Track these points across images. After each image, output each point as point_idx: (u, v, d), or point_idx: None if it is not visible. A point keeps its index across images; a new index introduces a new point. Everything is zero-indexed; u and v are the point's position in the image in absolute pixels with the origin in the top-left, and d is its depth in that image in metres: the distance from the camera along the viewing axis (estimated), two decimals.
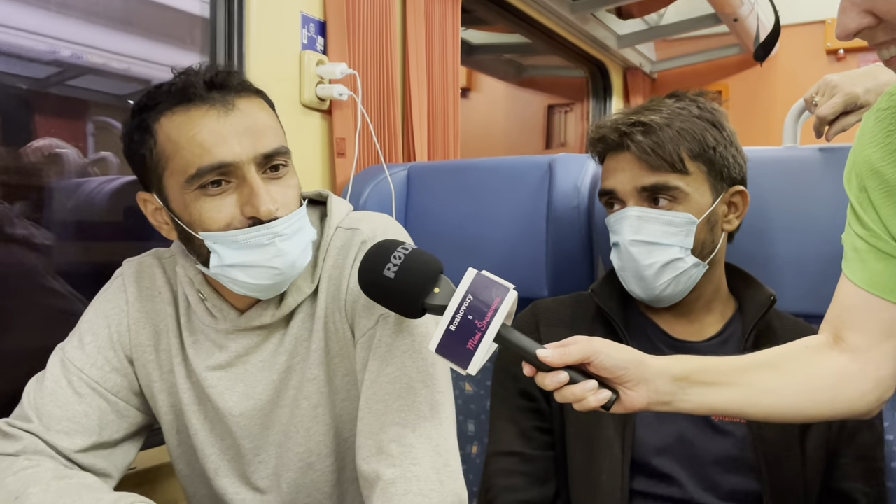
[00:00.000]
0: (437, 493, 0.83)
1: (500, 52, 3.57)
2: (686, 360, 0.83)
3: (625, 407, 0.79)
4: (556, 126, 4.02)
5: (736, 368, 0.83)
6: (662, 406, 0.80)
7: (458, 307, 0.75)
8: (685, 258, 1.00)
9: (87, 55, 1.72)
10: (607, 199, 1.06)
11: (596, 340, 0.78)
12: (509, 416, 1.07)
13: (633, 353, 0.79)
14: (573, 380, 0.76)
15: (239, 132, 0.85)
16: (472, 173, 1.49)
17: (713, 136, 1.01)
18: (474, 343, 0.74)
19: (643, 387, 0.78)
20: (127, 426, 0.99)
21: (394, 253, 0.80)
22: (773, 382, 0.82)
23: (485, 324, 0.74)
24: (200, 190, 0.85)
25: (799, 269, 1.14)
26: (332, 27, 1.62)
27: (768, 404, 0.82)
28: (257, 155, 0.86)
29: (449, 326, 0.75)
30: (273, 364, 0.95)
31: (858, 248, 0.83)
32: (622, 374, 0.77)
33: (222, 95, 0.86)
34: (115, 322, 0.99)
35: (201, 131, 0.84)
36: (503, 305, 0.74)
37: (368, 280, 0.81)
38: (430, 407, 0.87)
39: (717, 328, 1.07)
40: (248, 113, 0.87)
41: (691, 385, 0.80)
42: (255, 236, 0.86)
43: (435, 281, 0.79)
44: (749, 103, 3.41)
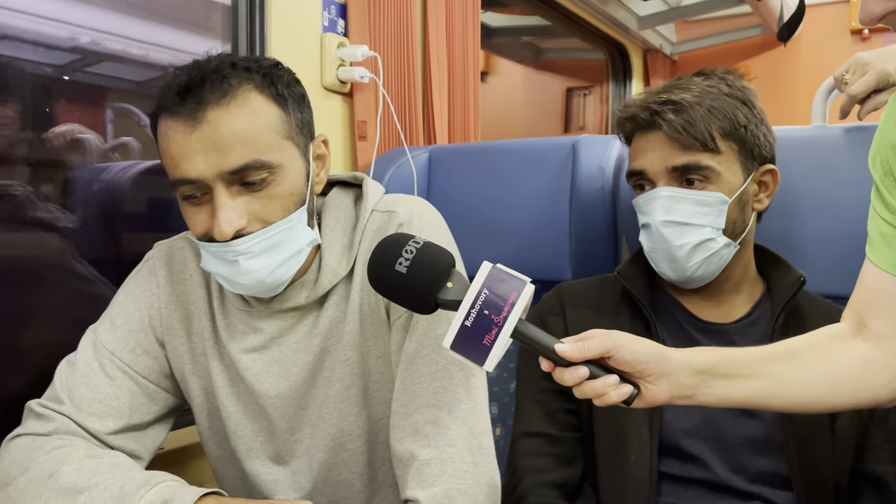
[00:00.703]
0: (471, 475, 0.84)
1: (518, 34, 3.54)
2: (708, 353, 0.82)
3: (646, 401, 0.78)
4: (574, 109, 3.98)
5: (758, 360, 0.82)
6: (684, 400, 0.79)
7: (473, 302, 0.72)
8: (717, 238, 0.99)
9: (105, 41, 1.72)
10: (636, 180, 1.05)
11: (615, 334, 0.76)
12: (535, 397, 1.07)
13: (654, 346, 0.78)
14: (593, 375, 0.74)
15: (206, 148, 0.82)
16: (495, 155, 1.48)
17: (744, 115, 0.99)
18: (491, 339, 0.71)
19: (665, 381, 0.77)
20: (157, 409, 0.99)
21: (405, 247, 0.77)
22: (796, 374, 0.81)
23: (501, 318, 0.71)
24: (182, 198, 0.86)
25: (828, 249, 1.13)
26: (352, 9, 1.62)
27: (791, 395, 0.81)
28: (222, 172, 0.82)
29: (464, 322, 0.72)
30: (308, 345, 0.95)
31: (884, 231, 0.82)
32: (643, 367, 0.76)
33: (193, 106, 0.82)
34: (147, 305, 0.99)
35: (171, 145, 0.83)
36: (520, 299, 0.72)
37: (380, 275, 0.78)
38: (466, 390, 0.87)
39: (745, 309, 1.06)
40: (218, 125, 0.82)
41: (713, 378, 0.79)
42: (222, 252, 0.85)
43: (448, 275, 0.76)
44: (771, 84, 3.36)
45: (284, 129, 0.87)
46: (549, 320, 1.08)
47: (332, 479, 0.99)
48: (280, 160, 0.85)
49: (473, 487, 0.84)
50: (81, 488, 0.83)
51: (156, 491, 0.81)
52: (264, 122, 0.85)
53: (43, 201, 1.33)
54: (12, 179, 1.23)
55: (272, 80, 0.87)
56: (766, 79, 3.41)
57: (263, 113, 0.85)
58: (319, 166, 0.95)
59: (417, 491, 0.83)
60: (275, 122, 0.86)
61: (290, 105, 0.89)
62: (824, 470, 0.97)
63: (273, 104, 0.86)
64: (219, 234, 0.82)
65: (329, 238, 0.95)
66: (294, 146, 0.88)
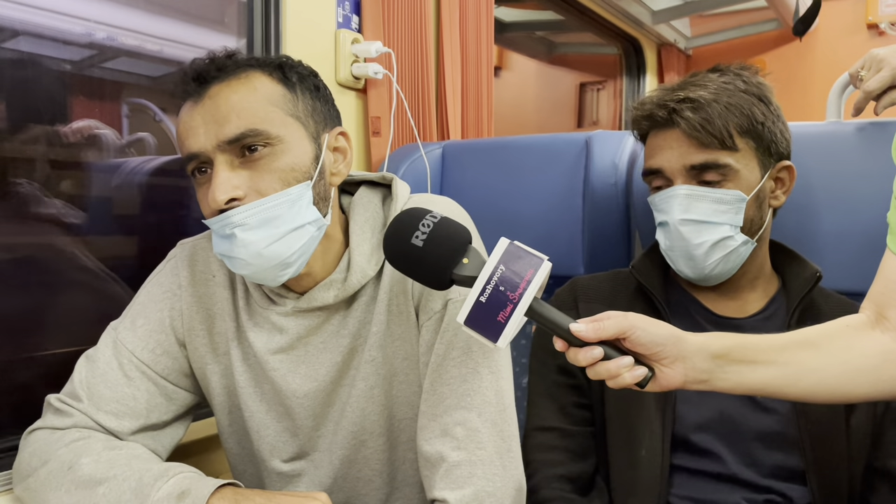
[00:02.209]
0: (500, 478, 0.84)
1: (531, 29, 3.53)
2: (724, 338, 0.80)
3: (660, 385, 0.77)
4: (588, 104, 3.97)
5: (775, 347, 0.80)
6: (699, 385, 0.78)
7: (489, 277, 0.71)
8: (735, 236, 0.99)
9: (121, 37, 1.74)
10: (652, 179, 1.04)
11: (631, 315, 0.75)
12: (548, 391, 1.07)
13: (670, 329, 0.77)
14: (607, 356, 0.73)
15: (206, 121, 0.85)
16: (508, 151, 1.48)
17: (761, 111, 0.99)
18: (505, 315, 0.70)
19: (680, 364, 0.76)
20: (176, 408, 1.00)
21: (422, 221, 0.77)
22: (815, 362, 0.80)
23: (517, 295, 0.70)
24: (194, 178, 0.89)
25: (843, 245, 1.12)
26: (367, 5, 1.62)
27: (809, 384, 0.80)
28: (220, 141, 0.84)
29: (479, 297, 0.71)
30: (336, 346, 0.95)
31: None
32: (659, 350, 0.75)
33: (199, 86, 0.87)
34: (168, 306, 0.99)
35: (180, 125, 0.87)
36: (536, 277, 0.71)
37: (395, 249, 0.79)
38: (495, 392, 0.88)
39: (760, 305, 1.06)
40: (217, 99, 0.85)
41: (730, 363, 0.78)
42: (219, 226, 0.86)
43: (464, 251, 0.75)
44: (787, 79, 3.33)
45: (289, 107, 0.88)
46: (563, 311, 1.08)
47: (351, 476, 0.99)
48: (280, 133, 0.86)
49: (502, 490, 0.84)
50: (100, 479, 0.84)
51: (174, 482, 0.82)
52: (263, 96, 0.86)
53: (57, 198, 1.34)
54: (26, 175, 1.24)
55: (280, 65, 0.90)
56: (781, 74, 3.38)
57: (264, 88, 0.87)
58: (339, 159, 0.95)
59: (446, 492, 0.83)
60: (276, 97, 0.87)
61: (299, 89, 0.90)
62: (839, 465, 0.97)
63: (278, 84, 0.88)
64: (212, 200, 0.83)
65: (358, 237, 0.94)
66: (300, 126, 0.89)
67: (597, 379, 0.75)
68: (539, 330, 1.12)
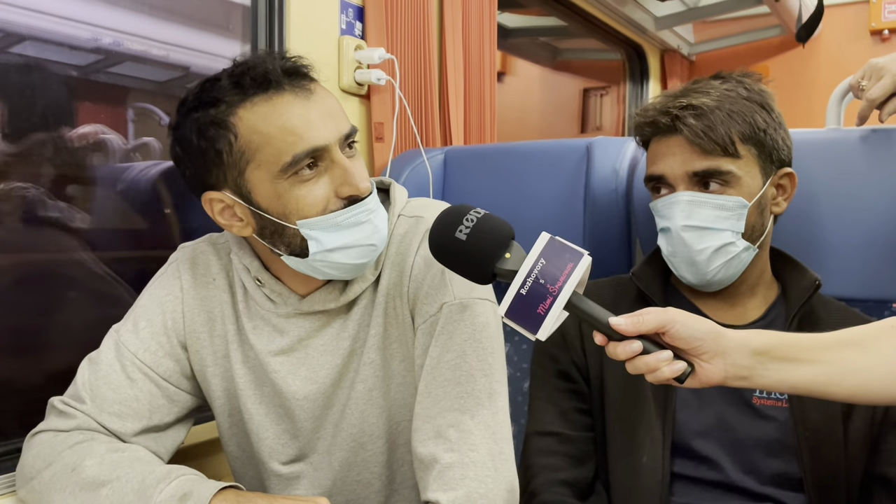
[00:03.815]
0: (491, 479, 0.85)
1: (535, 35, 3.54)
2: (766, 335, 0.79)
3: (700, 381, 0.76)
4: (591, 110, 3.98)
5: (819, 345, 0.79)
6: (739, 381, 0.77)
7: (530, 270, 0.73)
8: (737, 242, 0.99)
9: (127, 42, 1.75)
10: (655, 184, 1.05)
11: (671, 310, 0.75)
12: (549, 396, 1.08)
13: (710, 324, 0.76)
14: (646, 350, 0.74)
15: (323, 116, 0.86)
16: (509, 157, 1.49)
17: (763, 118, 0.99)
18: (545, 308, 0.72)
19: (720, 360, 0.75)
20: (177, 410, 1.01)
21: (466, 215, 0.79)
22: (860, 362, 0.78)
23: (557, 288, 0.72)
24: (295, 177, 0.86)
25: (844, 252, 1.12)
26: (370, 12, 1.63)
27: (854, 384, 0.78)
28: (340, 136, 0.88)
29: (520, 290, 0.73)
30: (336, 348, 0.97)
31: None
32: (698, 345, 0.74)
33: (297, 81, 0.87)
34: (170, 308, 1.00)
35: (290, 118, 0.85)
36: (576, 270, 0.72)
37: (439, 243, 0.80)
38: (489, 395, 0.88)
39: (759, 312, 1.06)
40: (324, 96, 0.89)
41: (772, 360, 0.77)
42: (354, 215, 0.87)
43: (506, 245, 0.77)
44: (790, 85, 3.34)
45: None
46: (564, 320, 1.09)
47: (350, 479, 1.00)
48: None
49: (494, 492, 0.85)
50: (104, 481, 0.85)
51: (176, 484, 0.83)
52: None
53: (62, 201, 1.35)
54: (32, 180, 1.25)
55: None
56: (784, 80, 3.38)
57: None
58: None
59: (439, 493, 0.84)
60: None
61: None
62: (837, 472, 0.97)
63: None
64: (365, 188, 0.87)
65: None
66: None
67: (636, 373, 0.76)
68: None
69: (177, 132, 0.90)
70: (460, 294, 0.91)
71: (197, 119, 0.87)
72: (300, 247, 0.89)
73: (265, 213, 0.88)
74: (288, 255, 0.91)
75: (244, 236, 0.94)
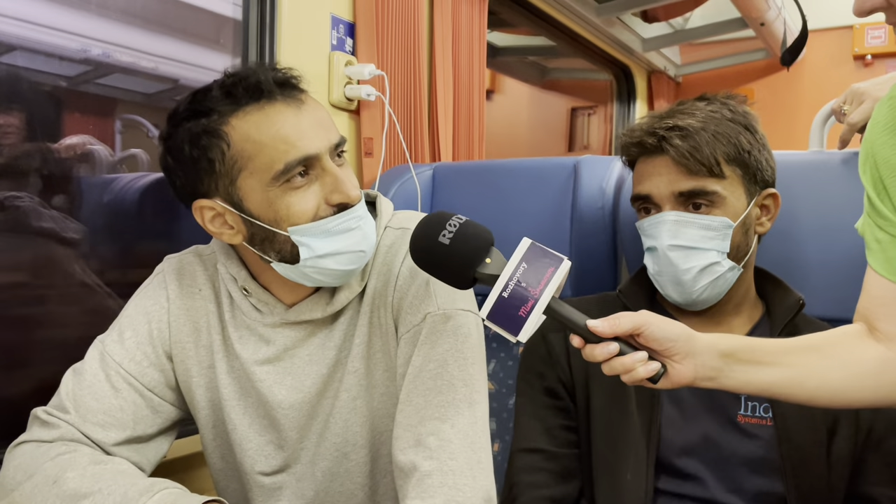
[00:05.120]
0: (469, 488, 0.85)
1: (524, 54, 3.58)
2: (732, 338, 0.83)
3: (671, 381, 0.79)
4: (579, 129, 4.02)
5: (781, 349, 0.83)
6: (708, 382, 0.80)
7: (512, 274, 0.75)
8: (722, 262, 1.01)
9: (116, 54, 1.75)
10: (641, 204, 1.06)
11: (645, 313, 0.78)
12: (534, 413, 1.08)
13: (682, 326, 0.80)
14: (622, 352, 0.77)
15: (314, 125, 0.89)
16: (497, 174, 1.50)
17: (747, 140, 1.01)
18: (526, 310, 0.74)
19: (690, 361, 0.79)
20: (161, 421, 1.00)
21: (448, 221, 0.81)
22: (819, 365, 0.82)
23: (538, 291, 0.74)
24: (287, 184, 0.87)
25: (827, 273, 1.14)
26: (361, 28, 1.64)
27: (813, 386, 0.82)
28: (331, 146, 0.90)
29: (502, 293, 0.75)
30: (322, 358, 0.97)
31: (879, 238, 0.84)
32: (671, 346, 0.78)
33: (289, 91, 0.89)
34: (156, 318, 1.00)
35: (283, 127, 0.87)
36: (556, 274, 0.75)
37: (422, 247, 0.82)
38: (469, 405, 0.89)
39: (744, 331, 1.07)
40: (315, 107, 0.91)
41: (737, 362, 0.81)
42: (344, 222, 0.89)
43: (487, 250, 0.79)
44: (775, 108, 3.39)
45: None
46: (550, 336, 1.10)
47: (334, 490, 1.00)
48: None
49: (471, 500, 0.85)
50: (85, 494, 0.84)
51: (158, 498, 0.83)
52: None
53: (51, 211, 1.34)
54: (20, 189, 1.24)
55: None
56: (769, 102, 3.44)
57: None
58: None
59: (417, 501, 0.84)
60: None
61: None
62: (820, 491, 0.98)
63: None
64: (355, 196, 0.89)
65: None
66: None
67: (612, 374, 0.78)
68: (526, 351, 1.13)
69: (168, 142, 0.91)
70: (444, 304, 0.92)
71: (189, 129, 0.88)
72: (291, 253, 0.90)
73: (256, 220, 0.89)
74: (278, 262, 0.92)
75: (234, 244, 0.95)
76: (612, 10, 2.73)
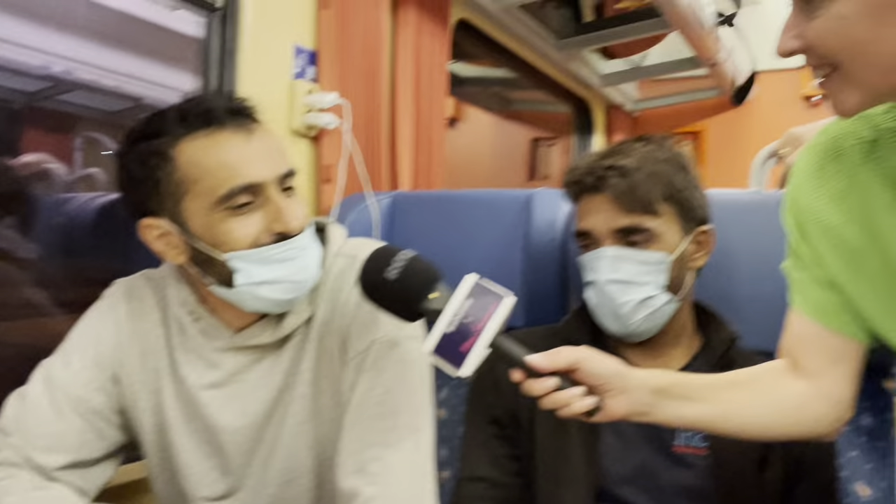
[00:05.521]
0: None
1: (487, 85, 3.65)
2: (664, 375, 0.87)
3: (606, 415, 0.82)
4: (540, 159, 4.09)
5: (709, 385, 0.87)
6: (641, 416, 0.84)
7: (456, 310, 0.78)
8: (659, 295, 1.05)
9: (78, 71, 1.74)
10: (582, 240, 1.10)
11: (583, 349, 0.81)
12: (481, 442, 1.10)
13: (617, 363, 0.83)
14: (560, 387, 0.79)
15: (262, 154, 0.91)
16: (454, 204, 1.53)
17: (681, 179, 1.06)
18: (469, 346, 0.77)
19: (624, 396, 0.82)
20: (106, 446, 1.00)
21: (396, 256, 0.83)
22: (744, 401, 0.87)
23: (481, 328, 0.77)
24: (228, 210, 0.89)
25: (762, 307, 1.18)
26: (323, 57, 1.67)
27: (739, 422, 0.87)
28: (278, 175, 0.91)
29: (446, 329, 0.78)
30: (269, 382, 0.98)
31: (799, 278, 0.89)
32: (606, 382, 0.81)
33: (240, 120, 0.91)
34: (104, 341, 1.00)
35: (230, 154, 0.89)
36: (499, 311, 0.78)
37: (369, 281, 0.84)
38: (412, 431, 0.90)
39: (683, 362, 1.11)
40: (265, 136, 0.93)
41: (668, 398, 0.84)
42: (284, 251, 0.90)
43: (434, 286, 0.82)
44: (726, 144, 3.50)
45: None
46: (499, 367, 1.11)
47: None
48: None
49: None
50: None
51: None
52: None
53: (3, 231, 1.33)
54: None
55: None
56: (721, 139, 3.55)
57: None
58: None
59: None
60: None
61: None
62: None
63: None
64: (296, 226, 0.90)
65: None
66: None
67: (550, 408, 0.80)
68: (475, 381, 1.15)
69: (122, 160, 0.93)
70: (390, 331, 0.94)
71: (141, 149, 0.91)
72: (228, 277, 0.91)
73: (197, 242, 0.91)
74: (217, 286, 0.93)
75: (178, 263, 0.96)
76: (572, 46, 2.81)
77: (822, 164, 0.85)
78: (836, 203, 0.84)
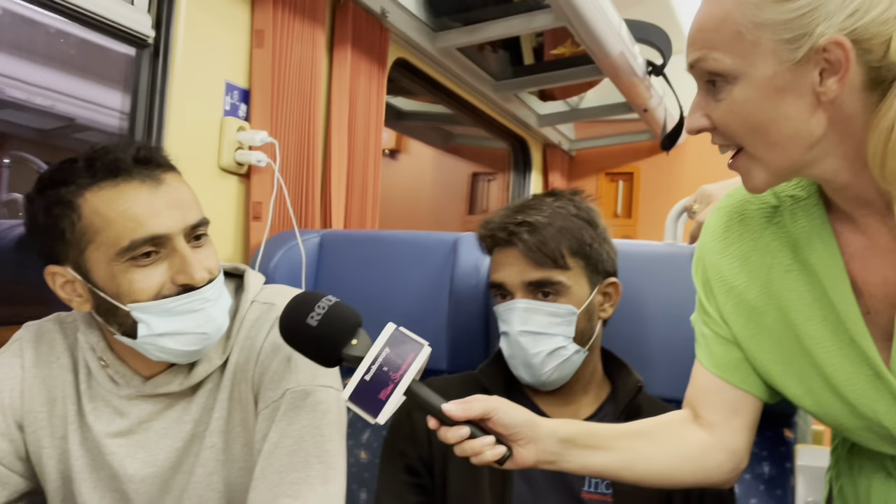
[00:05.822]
0: None
1: (427, 119, 3.70)
2: (571, 425, 0.90)
3: (516, 463, 0.85)
4: (479, 193, 4.16)
5: (613, 435, 0.91)
6: (549, 465, 0.87)
7: (374, 358, 0.80)
8: (568, 346, 1.08)
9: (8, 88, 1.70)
10: (496, 291, 1.13)
11: (495, 398, 0.84)
12: (394, 490, 1.10)
13: (527, 413, 0.86)
14: (473, 435, 0.82)
15: (169, 205, 0.90)
16: (383, 244, 1.55)
17: (589, 234, 1.10)
18: (386, 394, 0.79)
19: (533, 446, 0.85)
20: (8, 493, 0.97)
21: (318, 303, 0.84)
22: (646, 450, 0.90)
23: (399, 376, 0.79)
24: (131, 261, 0.88)
25: (669, 356, 1.23)
26: (255, 95, 1.67)
27: (641, 469, 0.90)
28: (186, 226, 0.91)
29: (364, 376, 0.80)
30: (177, 432, 0.97)
31: (705, 333, 0.93)
32: (516, 431, 0.84)
33: (149, 170, 0.91)
34: (8, 387, 0.98)
35: (134, 205, 0.88)
36: (416, 360, 0.80)
37: (290, 326, 0.85)
38: (323, 481, 0.91)
39: (592, 409, 1.14)
40: (175, 187, 0.93)
41: (575, 447, 0.87)
42: (188, 303, 0.90)
43: (354, 332, 0.84)
44: (658, 186, 3.62)
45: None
46: (415, 414, 1.13)
47: None
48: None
49: None
50: None
51: None
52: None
53: None
54: None
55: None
56: (653, 181, 3.67)
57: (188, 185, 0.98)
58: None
59: None
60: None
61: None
62: None
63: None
64: (200, 279, 0.90)
65: None
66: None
67: (463, 455, 0.83)
68: (391, 428, 1.16)
69: (29, 205, 0.93)
70: (304, 381, 0.95)
71: (48, 196, 0.90)
72: (131, 328, 0.91)
73: (101, 291, 0.90)
74: (121, 336, 0.93)
75: (84, 311, 0.95)
76: (510, 87, 2.88)
77: (729, 226, 0.91)
78: (740, 264, 0.89)
